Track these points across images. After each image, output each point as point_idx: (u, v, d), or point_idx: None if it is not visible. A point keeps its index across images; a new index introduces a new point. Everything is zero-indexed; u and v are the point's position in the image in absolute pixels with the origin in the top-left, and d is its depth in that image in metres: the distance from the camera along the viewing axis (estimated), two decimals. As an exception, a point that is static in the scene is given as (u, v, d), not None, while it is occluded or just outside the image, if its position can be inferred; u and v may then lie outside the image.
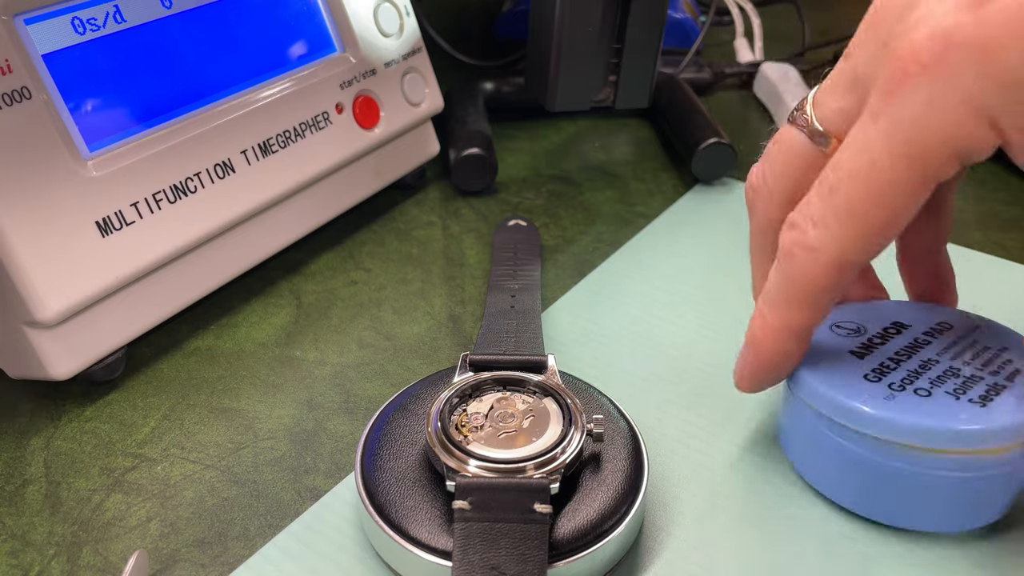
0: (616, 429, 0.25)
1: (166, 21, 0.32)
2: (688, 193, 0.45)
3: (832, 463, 0.25)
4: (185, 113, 0.33)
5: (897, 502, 0.24)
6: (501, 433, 0.24)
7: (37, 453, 0.29)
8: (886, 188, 0.21)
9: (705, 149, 0.44)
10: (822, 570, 0.24)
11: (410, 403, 0.27)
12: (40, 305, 0.28)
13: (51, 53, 0.28)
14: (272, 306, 0.36)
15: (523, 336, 0.30)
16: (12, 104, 0.27)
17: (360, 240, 0.41)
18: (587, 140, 0.52)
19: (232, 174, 0.34)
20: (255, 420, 0.30)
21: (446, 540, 0.22)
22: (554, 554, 0.22)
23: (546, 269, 0.38)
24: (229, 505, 0.26)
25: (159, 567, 0.24)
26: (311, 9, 0.38)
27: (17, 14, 0.27)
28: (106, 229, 0.29)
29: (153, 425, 0.30)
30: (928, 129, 0.20)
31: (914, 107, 0.20)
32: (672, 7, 0.60)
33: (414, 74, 0.42)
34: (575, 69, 0.43)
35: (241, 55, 0.35)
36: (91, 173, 0.29)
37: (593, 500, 0.23)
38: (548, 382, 0.26)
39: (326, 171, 0.38)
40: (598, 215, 0.43)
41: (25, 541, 0.25)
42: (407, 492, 0.23)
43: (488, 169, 0.44)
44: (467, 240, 0.41)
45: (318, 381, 0.32)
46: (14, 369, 0.30)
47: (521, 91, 0.53)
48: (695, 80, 0.58)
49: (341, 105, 0.38)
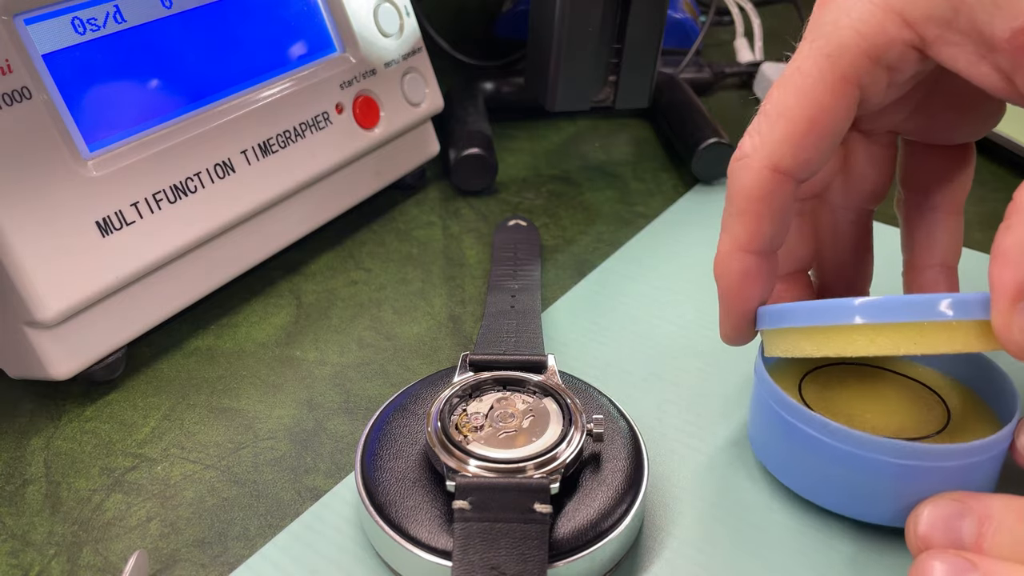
0: (616, 429, 0.25)
1: (166, 21, 0.32)
2: (688, 193, 0.45)
3: (782, 445, 0.26)
4: (185, 113, 0.33)
5: (843, 489, 0.24)
6: (501, 433, 0.24)
7: (37, 453, 0.29)
8: (807, 87, 0.22)
9: (705, 149, 0.44)
10: (823, 569, 0.24)
11: (410, 403, 0.27)
12: (40, 305, 0.28)
13: (51, 53, 0.28)
14: (272, 306, 0.36)
15: (523, 336, 0.30)
16: (12, 104, 0.27)
17: (360, 240, 0.41)
18: (587, 140, 0.52)
19: (232, 174, 0.34)
20: (255, 420, 0.30)
21: (446, 540, 0.22)
22: (554, 554, 0.22)
23: (546, 269, 0.38)
24: (229, 505, 0.26)
25: (159, 567, 0.24)
26: (311, 9, 0.38)
27: (17, 14, 0.27)
28: (106, 229, 0.29)
29: (153, 425, 0.30)
30: (842, 28, 0.22)
31: (833, 13, 0.22)
32: (672, 7, 0.60)
33: (414, 74, 0.42)
34: (575, 69, 0.43)
35: (241, 55, 0.35)
36: (91, 173, 0.29)
37: (593, 500, 0.23)
38: (548, 382, 0.26)
39: (326, 171, 0.38)
40: (598, 215, 0.43)
41: (25, 541, 0.25)
42: (407, 492, 0.23)
43: (488, 169, 0.44)
44: (467, 240, 0.41)
45: (318, 381, 0.32)
46: (14, 369, 0.30)
47: (521, 91, 0.53)
48: (695, 80, 0.58)
49: (341, 105, 0.38)
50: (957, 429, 0.25)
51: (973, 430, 0.25)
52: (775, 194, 0.23)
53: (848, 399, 0.27)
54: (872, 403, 0.27)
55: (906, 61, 0.22)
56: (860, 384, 0.28)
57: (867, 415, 0.26)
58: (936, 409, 0.26)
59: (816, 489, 0.25)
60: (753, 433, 0.28)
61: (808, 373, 0.28)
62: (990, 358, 0.27)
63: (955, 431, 0.25)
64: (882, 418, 0.26)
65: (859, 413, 0.26)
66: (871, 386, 0.27)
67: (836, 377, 0.28)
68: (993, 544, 0.21)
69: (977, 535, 0.21)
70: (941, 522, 0.22)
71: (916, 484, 0.23)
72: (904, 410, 0.26)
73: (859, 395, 0.27)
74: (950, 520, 0.21)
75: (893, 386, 0.28)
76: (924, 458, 0.23)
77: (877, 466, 0.23)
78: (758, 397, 0.27)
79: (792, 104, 0.22)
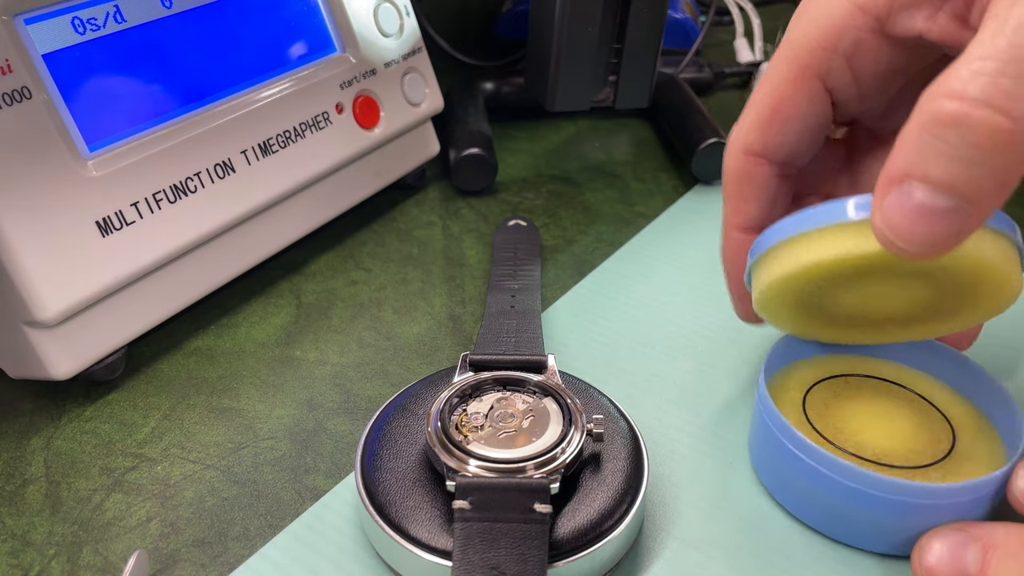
0: (616, 429, 0.25)
1: (166, 21, 0.32)
2: (688, 193, 0.45)
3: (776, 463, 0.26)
4: (185, 113, 0.33)
5: (836, 517, 0.24)
6: (501, 433, 0.24)
7: (37, 453, 0.29)
8: (773, 78, 0.25)
9: (705, 149, 0.44)
10: (822, 570, 0.24)
11: (410, 403, 0.27)
12: (40, 305, 0.28)
13: (51, 53, 0.28)
14: (272, 306, 0.36)
15: (523, 336, 0.30)
16: (12, 104, 0.27)
17: (360, 240, 0.41)
18: (587, 140, 0.52)
19: (232, 174, 0.34)
20: (255, 420, 0.30)
21: (446, 540, 0.22)
22: (554, 554, 0.22)
23: (546, 269, 0.38)
24: (229, 505, 0.26)
25: (159, 567, 0.24)
26: (311, 9, 0.38)
27: (17, 14, 0.27)
28: (106, 229, 0.29)
29: (153, 425, 0.30)
30: (803, 22, 0.24)
31: (801, 9, 0.24)
32: (672, 7, 0.60)
33: (414, 74, 0.42)
34: (575, 69, 0.43)
35: (241, 55, 0.35)
36: (91, 173, 0.29)
37: (593, 500, 0.23)
38: (548, 382, 0.26)
39: (326, 171, 0.38)
40: (598, 215, 0.43)
41: (25, 541, 0.25)
42: (407, 492, 0.23)
43: (488, 169, 0.44)
44: (467, 240, 0.41)
45: (318, 381, 0.32)
46: (14, 369, 0.30)
47: (521, 91, 0.53)
48: (695, 80, 0.58)
49: (341, 105, 0.38)
50: (961, 455, 0.25)
51: (977, 457, 0.25)
52: (752, 174, 0.26)
53: (851, 416, 0.26)
54: (876, 422, 0.26)
55: (866, 49, 0.23)
56: (864, 400, 0.27)
57: (870, 435, 0.26)
58: (941, 431, 0.26)
59: (807, 512, 0.25)
60: (752, 448, 0.28)
61: (813, 386, 0.28)
62: (991, 376, 0.26)
63: (959, 457, 0.25)
64: (885, 440, 0.26)
65: (861, 433, 0.26)
66: (876, 402, 0.27)
67: (841, 391, 0.28)
68: (997, 572, 0.21)
69: (982, 563, 0.21)
70: (947, 552, 0.22)
71: (911, 518, 0.23)
72: (908, 432, 0.26)
73: (863, 412, 0.27)
74: (955, 549, 0.22)
75: (898, 403, 0.27)
76: (921, 496, 0.23)
77: (872, 500, 0.23)
78: (757, 415, 0.26)
79: (761, 95, 0.25)
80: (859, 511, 0.23)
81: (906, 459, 0.25)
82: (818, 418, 0.26)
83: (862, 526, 0.24)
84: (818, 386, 0.28)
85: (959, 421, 0.26)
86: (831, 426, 0.26)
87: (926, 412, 0.27)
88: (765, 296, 0.25)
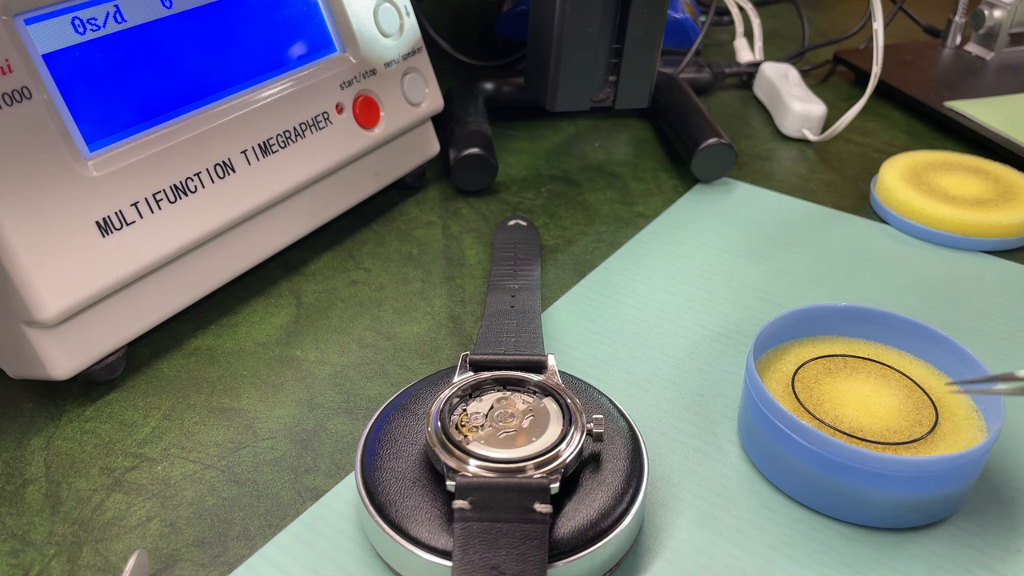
0: (616, 429, 0.25)
1: (166, 21, 0.32)
2: (688, 193, 0.45)
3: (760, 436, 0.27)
4: (185, 113, 0.33)
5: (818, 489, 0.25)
6: (501, 433, 0.24)
7: (37, 453, 0.29)
8: None
9: (705, 149, 0.44)
10: (822, 569, 0.24)
11: (410, 403, 0.27)
12: (40, 305, 0.28)
13: (51, 53, 0.28)
14: (272, 306, 0.36)
15: (523, 336, 0.30)
16: (12, 104, 0.27)
17: (360, 240, 0.41)
18: (587, 140, 0.52)
19: (232, 174, 0.34)
20: (255, 420, 0.30)
21: (446, 540, 0.22)
22: (554, 554, 0.22)
23: (546, 269, 0.38)
24: (229, 505, 0.26)
25: (159, 567, 0.24)
26: (311, 9, 0.38)
27: (17, 14, 0.27)
28: (106, 229, 0.29)
29: (153, 425, 0.30)
30: None
31: None
32: (672, 7, 0.60)
33: (414, 74, 0.42)
34: (575, 69, 0.43)
35: (241, 55, 0.35)
36: (91, 173, 0.29)
37: (593, 500, 0.23)
38: (548, 382, 0.26)
39: (326, 171, 0.38)
40: (598, 215, 0.43)
41: (25, 541, 0.25)
42: (407, 492, 0.23)
43: (488, 169, 0.44)
44: (467, 240, 0.41)
45: (318, 381, 0.32)
46: (14, 369, 0.30)
47: (521, 91, 0.53)
48: (695, 80, 0.58)
49: (341, 105, 0.38)
50: (939, 438, 0.26)
51: (956, 442, 0.26)
52: None
53: (838, 392, 0.27)
54: (860, 400, 0.27)
55: None
56: (856, 379, 0.28)
57: (851, 411, 0.27)
58: (925, 415, 0.27)
59: (791, 485, 0.26)
60: (740, 422, 0.28)
61: (809, 362, 0.29)
62: (987, 368, 0.27)
63: (936, 440, 0.26)
64: (864, 417, 0.26)
65: (843, 408, 0.27)
66: (867, 382, 0.28)
67: (835, 369, 0.28)
68: None
69: None
70: None
71: (883, 492, 0.24)
72: (892, 411, 0.27)
73: (850, 390, 0.28)
74: None
75: (889, 385, 0.28)
76: (899, 469, 0.24)
77: (839, 468, 0.24)
78: (745, 390, 0.28)
79: None
80: (828, 480, 0.25)
81: (880, 436, 0.26)
82: (804, 390, 0.28)
83: (836, 498, 0.25)
84: (813, 362, 0.29)
85: (948, 409, 0.27)
86: (813, 399, 0.27)
87: (916, 396, 0.27)
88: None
